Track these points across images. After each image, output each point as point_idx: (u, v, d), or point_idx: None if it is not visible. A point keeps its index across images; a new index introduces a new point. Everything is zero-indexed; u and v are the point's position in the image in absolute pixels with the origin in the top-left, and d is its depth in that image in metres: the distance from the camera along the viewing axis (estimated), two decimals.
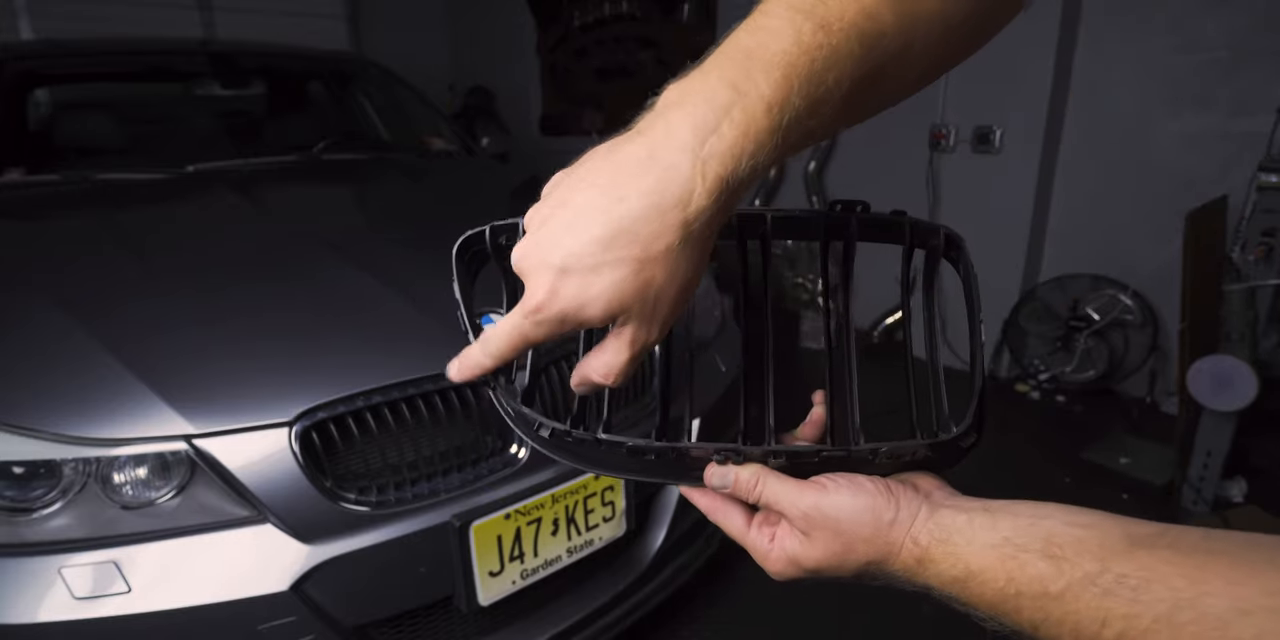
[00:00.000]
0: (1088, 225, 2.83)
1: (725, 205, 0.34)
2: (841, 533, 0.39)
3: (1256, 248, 1.91)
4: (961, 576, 0.36)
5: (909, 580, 0.39)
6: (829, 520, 0.40)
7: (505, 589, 1.18)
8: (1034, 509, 0.36)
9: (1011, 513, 0.36)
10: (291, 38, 3.46)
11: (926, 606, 1.47)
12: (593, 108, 5.18)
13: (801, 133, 0.34)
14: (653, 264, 0.34)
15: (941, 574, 0.37)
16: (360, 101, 2.85)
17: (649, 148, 0.33)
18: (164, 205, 1.77)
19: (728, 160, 0.33)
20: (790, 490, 0.41)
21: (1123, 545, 0.32)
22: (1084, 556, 0.33)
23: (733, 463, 0.42)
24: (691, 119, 0.33)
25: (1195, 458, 2.02)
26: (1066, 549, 0.33)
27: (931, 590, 0.38)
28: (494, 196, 2.21)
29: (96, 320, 1.14)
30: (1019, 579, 0.34)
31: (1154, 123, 2.60)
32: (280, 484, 1.02)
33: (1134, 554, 0.32)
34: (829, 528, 0.40)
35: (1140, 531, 0.33)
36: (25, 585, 0.94)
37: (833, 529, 0.40)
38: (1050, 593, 0.33)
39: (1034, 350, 2.89)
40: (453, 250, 0.48)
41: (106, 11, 4.02)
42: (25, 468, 0.98)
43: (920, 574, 0.38)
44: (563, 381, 1.21)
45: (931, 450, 0.42)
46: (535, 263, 0.35)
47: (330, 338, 1.18)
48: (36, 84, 2.52)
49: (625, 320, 0.36)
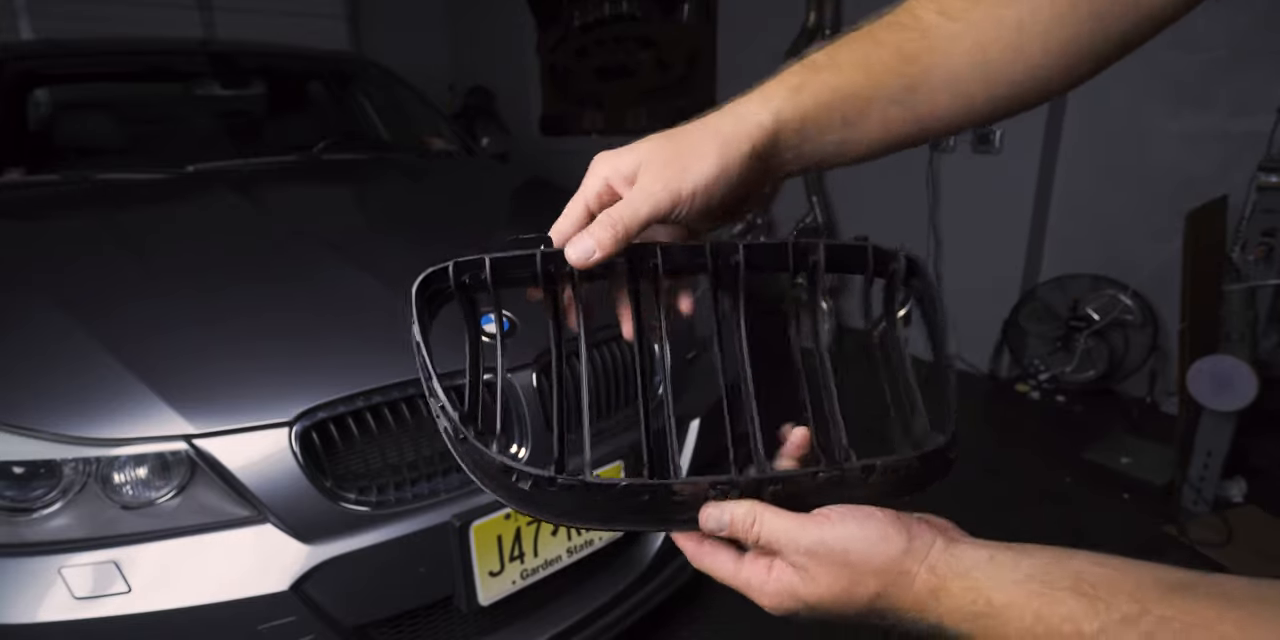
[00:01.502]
0: (1088, 225, 2.83)
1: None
2: (850, 564, 0.37)
3: (1256, 248, 1.91)
4: (982, 612, 0.33)
5: (919, 617, 0.36)
6: (835, 554, 0.37)
7: (505, 589, 1.18)
8: (1057, 550, 0.35)
9: (1034, 551, 0.35)
10: (291, 38, 3.46)
11: None
12: (593, 108, 5.18)
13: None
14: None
15: (959, 609, 0.34)
16: (360, 101, 2.85)
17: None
18: (164, 205, 1.77)
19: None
20: (791, 527, 0.38)
21: (1159, 589, 0.30)
22: (1119, 596, 0.31)
23: (728, 497, 0.40)
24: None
25: (1195, 458, 2.02)
26: (1100, 588, 0.31)
27: (944, 630, 0.35)
28: (494, 196, 2.21)
29: (96, 320, 1.14)
30: (1048, 617, 0.31)
31: (1154, 122, 2.60)
32: (280, 484, 1.02)
33: (1172, 598, 0.30)
34: (835, 561, 0.37)
35: (1175, 577, 0.31)
36: (25, 585, 0.94)
37: (840, 561, 0.37)
38: (1084, 633, 0.30)
39: (1034, 350, 2.89)
40: (411, 289, 0.45)
41: (106, 11, 4.03)
42: (25, 468, 0.98)
43: (934, 609, 0.35)
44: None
45: (921, 462, 0.41)
46: None
47: (330, 338, 1.18)
48: (36, 84, 2.52)
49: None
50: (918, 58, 0.43)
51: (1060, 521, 1.98)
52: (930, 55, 0.43)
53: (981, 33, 0.42)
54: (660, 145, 0.42)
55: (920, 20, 0.43)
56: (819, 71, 0.42)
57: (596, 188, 0.43)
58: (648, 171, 0.42)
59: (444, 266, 0.45)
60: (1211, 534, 1.89)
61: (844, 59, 0.43)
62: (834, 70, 0.42)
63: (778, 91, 0.42)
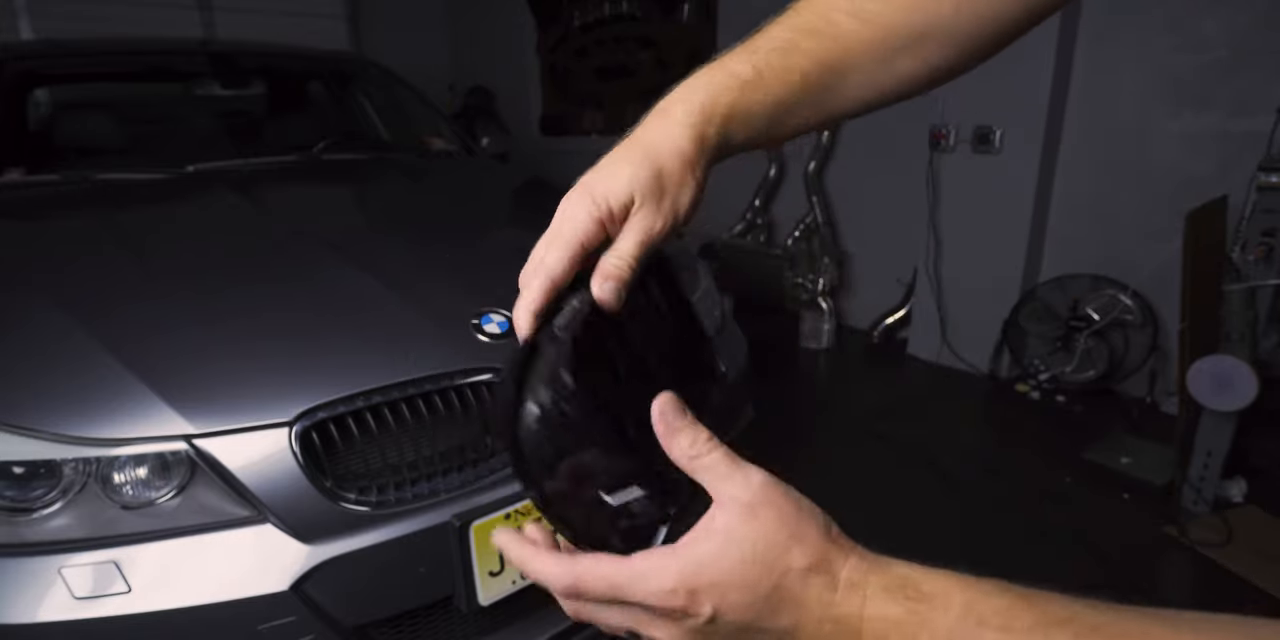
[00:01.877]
0: (1088, 225, 2.83)
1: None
2: (793, 516, 0.34)
3: (1256, 248, 1.91)
4: (911, 596, 0.31)
5: (844, 600, 0.32)
6: (787, 501, 0.34)
7: (505, 589, 1.18)
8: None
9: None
10: (291, 38, 3.46)
11: None
12: (593, 108, 5.18)
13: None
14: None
15: (890, 588, 0.32)
16: (360, 101, 2.85)
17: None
18: (164, 205, 1.77)
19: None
20: (739, 468, 0.36)
21: (1084, 604, 0.30)
22: (1052, 603, 0.30)
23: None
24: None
25: (1195, 458, 2.02)
26: (1028, 593, 0.31)
27: (863, 622, 0.32)
28: (494, 196, 2.21)
29: (96, 320, 1.14)
30: (980, 609, 0.30)
31: (1154, 122, 2.60)
32: (280, 484, 1.02)
33: (1101, 611, 0.29)
34: (779, 506, 0.34)
35: (1102, 605, 0.30)
36: (25, 585, 0.94)
37: (785, 509, 0.34)
38: (1014, 629, 0.29)
39: (1034, 350, 2.89)
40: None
41: (106, 11, 4.03)
42: (25, 468, 0.98)
43: (864, 586, 0.32)
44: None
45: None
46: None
47: (330, 338, 1.18)
48: (36, 84, 2.52)
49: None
50: (834, 65, 0.46)
51: (1060, 521, 1.98)
52: (845, 58, 0.46)
53: (892, 37, 0.46)
54: (645, 177, 0.41)
55: (836, 25, 0.46)
56: (748, 92, 0.44)
57: (590, 230, 0.40)
58: (647, 206, 0.41)
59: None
60: (1212, 534, 1.89)
61: (770, 76, 0.44)
62: (762, 89, 0.44)
63: (715, 110, 0.43)
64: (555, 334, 0.38)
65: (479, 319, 1.23)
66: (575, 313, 0.38)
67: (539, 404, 0.37)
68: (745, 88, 0.44)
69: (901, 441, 2.52)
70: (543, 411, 0.36)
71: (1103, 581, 1.75)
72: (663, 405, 0.37)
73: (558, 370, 0.37)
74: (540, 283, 0.38)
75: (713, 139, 0.43)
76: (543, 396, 0.37)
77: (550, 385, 0.37)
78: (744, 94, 0.44)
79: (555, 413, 0.37)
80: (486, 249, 1.62)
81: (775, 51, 0.45)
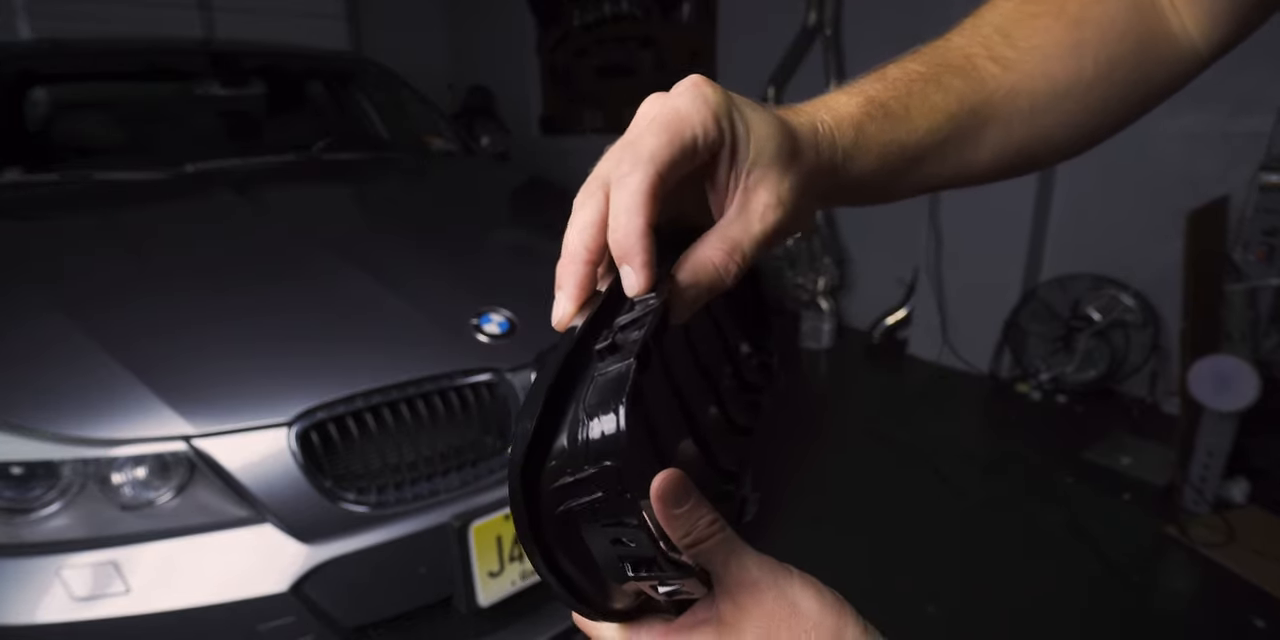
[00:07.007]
0: (1088, 225, 2.83)
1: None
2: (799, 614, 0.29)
3: (1257, 248, 1.91)
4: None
5: None
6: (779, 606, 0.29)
7: (505, 590, 1.18)
8: None
9: None
10: (291, 38, 3.46)
11: (931, 607, 1.46)
12: (593, 107, 5.18)
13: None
14: None
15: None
16: (360, 101, 2.84)
17: None
18: (163, 205, 1.77)
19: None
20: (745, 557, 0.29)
21: None
22: None
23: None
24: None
25: (1196, 458, 2.01)
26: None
27: None
28: (494, 196, 2.20)
29: (96, 320, 1.14)
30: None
31: (1154, 122, 2.57)
32: (280, 484, 1.02)
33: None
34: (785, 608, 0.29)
35: None
36: (25, 586, 0.94)
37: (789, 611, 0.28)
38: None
39: (1035, 350, 2.88)
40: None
41: (106, 11, 4.03)
42: (25, 468, 0.98)
43: None
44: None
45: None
46: None
47: (330, 338, 1.18)
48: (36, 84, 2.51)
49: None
50: (978, 109, 0.40)
51: (1060, 522, 1.97)
52: (989, 103, 0.40)
53: (1034, 87, 0.41)
54: (783, 131, 0.34)
55: (978, 68, 0.40)
56: (891, 121, 0.38)
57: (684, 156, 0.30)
58: (775, 170, 0.34)
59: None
60: (1212, 534, 1.89)
61: (915, 109, 0.38)
62: (907, 123, 0.38)
63: (846, 130, 0.36)
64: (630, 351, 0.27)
65: (478, 319, 1.23)
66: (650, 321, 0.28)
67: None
68: (889, 116, 0.37)
69: (901, 441, 2.52)
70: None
71: (1103, 581, 1.75)
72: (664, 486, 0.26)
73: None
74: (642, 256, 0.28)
75: (827, 151, 0.34)
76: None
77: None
78: (886, 123, 0.37)
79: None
80: (486, 249, 1.61)
81: (917, 82, 0.38)
